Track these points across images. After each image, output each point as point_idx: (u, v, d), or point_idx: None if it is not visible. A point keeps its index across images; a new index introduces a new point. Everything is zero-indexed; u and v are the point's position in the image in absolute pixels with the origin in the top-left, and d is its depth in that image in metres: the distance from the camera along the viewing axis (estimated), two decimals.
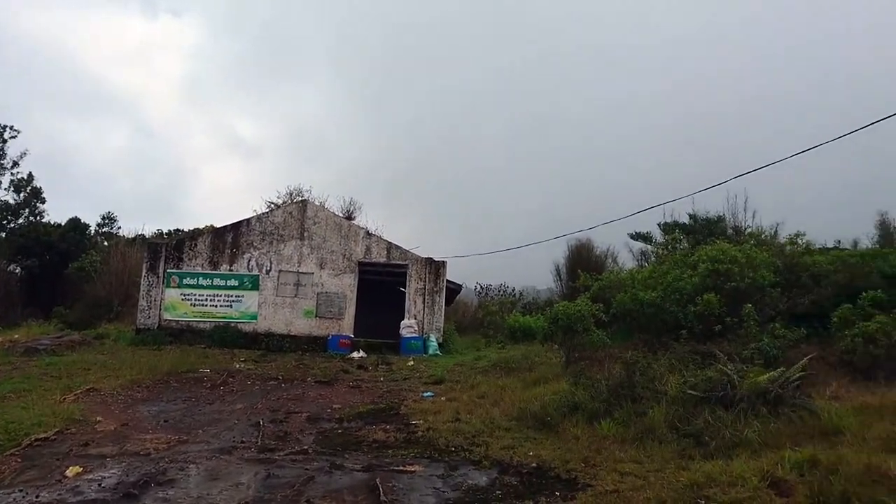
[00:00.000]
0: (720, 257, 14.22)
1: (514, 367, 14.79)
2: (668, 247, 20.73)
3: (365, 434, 9.48)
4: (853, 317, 11.35)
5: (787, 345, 11.37)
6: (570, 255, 26.61)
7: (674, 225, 22.20)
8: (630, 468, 7.26)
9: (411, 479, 7.24)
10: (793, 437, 7.49)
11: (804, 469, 6.35)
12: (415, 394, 13.15)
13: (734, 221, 21.89)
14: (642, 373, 9.50)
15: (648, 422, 8.43)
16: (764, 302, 13.79)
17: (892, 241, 19.09)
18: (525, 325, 20.97)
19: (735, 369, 8.93)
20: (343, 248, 23.11)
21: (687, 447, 7.77)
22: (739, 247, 15.28)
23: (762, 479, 6.28)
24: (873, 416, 7.90)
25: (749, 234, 20.41)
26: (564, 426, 9.11)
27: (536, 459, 7.91)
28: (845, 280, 13.72)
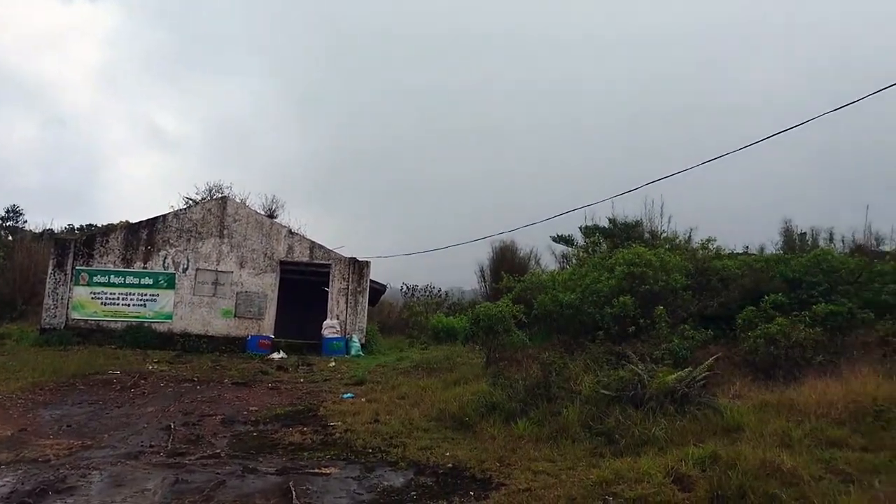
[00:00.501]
0: (636, 261, 14.70)
1: (435, 368, 14.85)
2: (589, 250, 21.31)
3: (281, 436, 9.30)
4: (756, 319, 11.94)
5: (695, 345, 11.85)
6: (494, 256, 26.94)
7: (594, 228, 22.82)
8: (543, 467, 7.40)
9: (326, 482, 7.15)
10: (697, 434, 7.81)
11: (706, 465, 6.62)
12: (335, 395, 13.00)
13: (651, 226, 22.69)
14: (558, 373, 9.70)
15: (563, 421, 8.62)
16: (676, 304, 14.34)
17: (795, 247, 20.19)
18: (448, 325, 21.10)
19: (646, 369, 9.25)
20: (264, 247, 22.62)
21: (599, 445, 7.99)
22: (654, 251, 15.84)
23: (667, 475, 6.51)
24: (771, 413, 8.33)
25: (664, 238, 21.21)
26: (482, 426, 9.20)
27: (453, 460, 7.96)
28: (751, 284, 14.42)
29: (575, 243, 23.36)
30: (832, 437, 7.36)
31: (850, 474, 6.29)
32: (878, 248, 18.00)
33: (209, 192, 31.27)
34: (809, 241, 20.82)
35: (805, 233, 21.58)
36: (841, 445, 7.13)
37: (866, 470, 6.37)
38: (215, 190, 31.26)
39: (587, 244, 22.22)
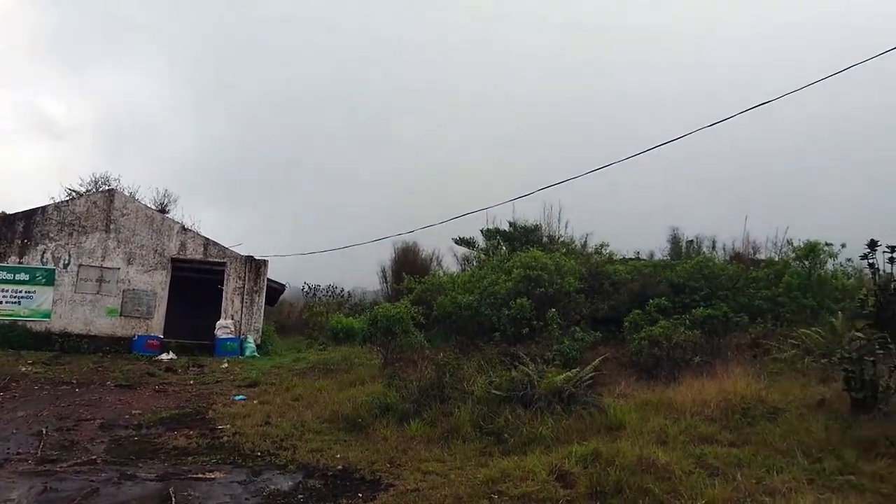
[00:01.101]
0: (532, 264, 15.08)
1: (332, 369, 14.67)
2: (489, 252, 21.68)
3: (165, 441, 8.92)
4: (642, 321, 12.52)
5: (585, 346, 12.29)
6: (396, 257, 26.91)
7: (495, 231, 23.22)
8: (433, 467, 7.45)
9: (210, 487, 6.91)
10: (582, 433, 8.09)
11: (588, 462, 6.87)
12: (225, 397, 12.59)
13: (549, 230, 23.35)
14: (452, 374, 9.80)
15: (454, 421, 8.71)
16: (570, 307, 14.81)
17: (681, 253, 21.30)
18: (348, 326, 20.90)
19: (536, 370, 9.49)
20: (155, 243, 21.59)
21: (488, 445, 8.14)
22: (551, 255, 16.31)
23: (551, 473, 6.71)
24: (651, 412, 8.75)
25: (561, 242, 21.89)
26: (375, 427, 9.16)
27: (343, 461, 7.88)
28: (639, 288, 15.09)
29: (476, 246, 23.69)
30: (704, 433, 7.81)
31: (718, 468, 6.69)
32: (754, 256, 19.24)
33: (95, 183, 29.40)
34: (695, 248, 21.99)
35: (692, 240, 22.76)
36: (712, 441, 7.57)
37: (732, 464, 6.79)
38: (102, 182, 29.42)
39: (488, 247, 22.61)
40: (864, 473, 6.37)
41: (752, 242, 20.09)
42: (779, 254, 17.62)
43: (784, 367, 10.46)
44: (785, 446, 7.16)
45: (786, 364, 10.61)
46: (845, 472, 6.43)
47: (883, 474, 6.31)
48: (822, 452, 6.91)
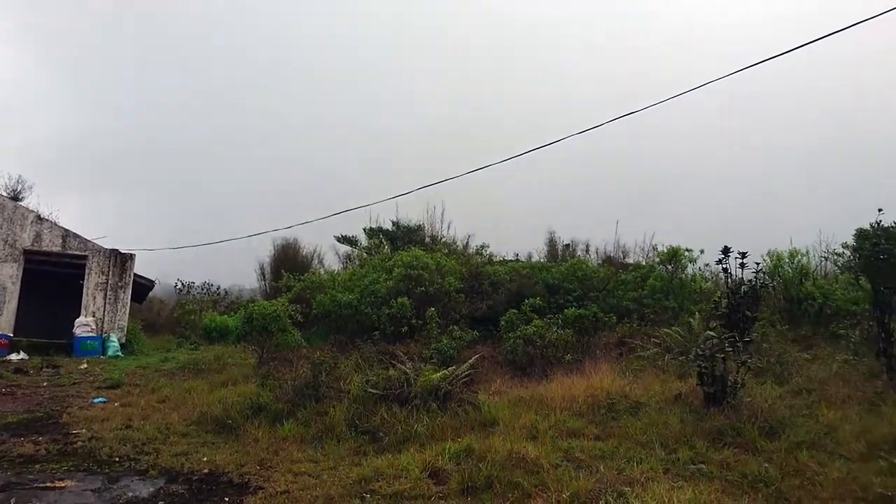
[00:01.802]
0: (414, 263, 15.12)
1: (203, 369, 14.02)
2: (371, 251, 21.56)
3: (9, 448, 8.14)
4: (518, 321, 12.87)
5: (462, 345, 12.47)
6: (275, 254, 26.16)
7: (378, 230, 23.13)
8: (305, 468, 7.27)
9: (58, 497, 6.39)
10: (456, 430, 8.19)
11: (461, 458, 6.94)
12: (83, 400, 11.70)
13: (432, 231, 23.56)
14: (328, 373, 9.63)
15: (329, 421, 8.56)
16: (449, 306, 14.98)
17: (557, 256, 22.15)
18: (222, 324, 20.07)
19: (413, 368, 9.50)
20: (5, 234, 19.73)
21: (363, 444, 8.05)
22: (432, 255, 16.43)
23: (424, 470, 6.73)
24: (523, 408, 8.99)
25: (443, 243, 22.13)
26: (246, 429, 8.84)
27: (210, 465, 7.54)
28: (516, 288, 15.51)
29: (358, 244, 23.49)
30: (572, 428, 8.12)
31: (583, 461, 6.97)
32: (623, 259, 20.34)
33: None
34: (570, 251, 22.91)
35: (568, 244, 23.69)
36: (579, 435, 7.89)
37: (596, 456, 7.09)
38: None
39: (370, 245, 22.48)
40: (713, 462, 6.84)
41: (622, 247, 21.24)
42: (645, 258, 18.71)
43: (647, 365, 11.08)
44: (645, 438, 7.57)
45: (648, 361, 11.24)
46: (697, 461, 6.87)
47: (729, 462, 6.80)
48: (678, 443, 7.36)
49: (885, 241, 9.44)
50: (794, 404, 8.51)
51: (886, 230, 9.58)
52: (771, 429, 7.52)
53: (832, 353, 10.86)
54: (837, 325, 11.99)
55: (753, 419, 7.68)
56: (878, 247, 9.47)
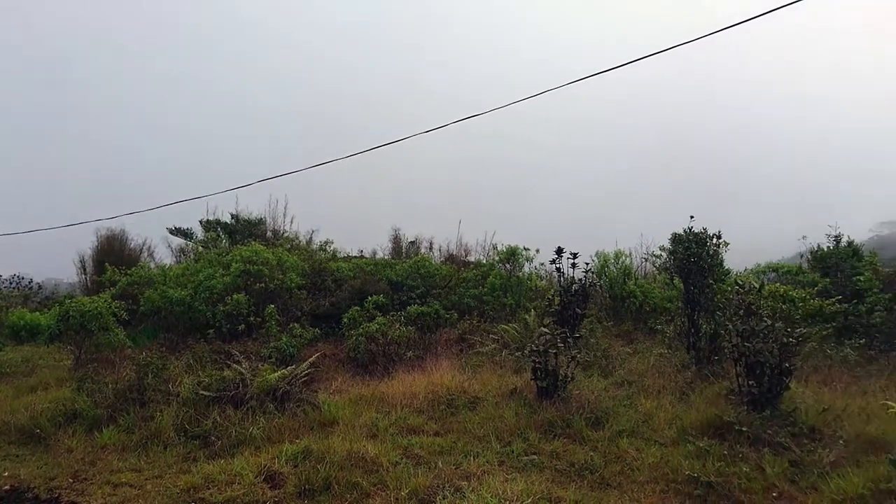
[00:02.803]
0: (253, 258, 14.51)
1: (8, 373, 12.55)
2: (208, 245, 20.41)
3: None
4: (360, 318, 12.76)
5: (303, 343, 12.14)
6: (98, 246, 23.92)
7: (215, 223, 21.94)
8: (127, 478, 6.73)
9: None
10: (295, 431, 7.95)
11: (298, 460, 6.74)
12: None
13: (274, 225, 22.74)
14: (155, 375, 8.96)
15: (156, 426, 7.98)
16: (291, 303, 14.53)
17: (402, 253, 22.24)
18: (32, 322, 18.08)
19: (250, 368, 9.10)
20: None
21: (193, 449, 7.59)
22: (273, 250, 15.86)
23: (258, 474, 6.46)
24: (364, 406, 8.91)
25: (286, 238, 21.45)
26: (59, 438, 8.03)
27: (13, 480, 6.78)
28: (360, 285, 15.36)
29: (194, 237, 22.15)
30: (413, 424, 8.16)
31: (423, 457, 7.02)
32: (466, 258, 20.80)
33: None
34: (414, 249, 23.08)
35: (413, 241, 23.83)
36: (419, 432, 7.94)
37: (435, 452, 7.18)
38: None
39: (207, 239, 21.26)
40: (544, 452, 7.16)
41: (464, 245, 21.68)
42: (486, 256, 19.26)
43: (485, 360, 11.41)
44: (482, 432, 7.77)
45: (487, 357, 11.58)
46: (530, 453, 7.16)
47: (559, 452, 7.16)
48: (513, 436, 7.64)
49: (695, 245, 10.39)
50: (617, 395, 9.13)
51: (696, 235, 10.54)
52: (596, 419, 8.01)
53: (650, 347, 11.79)
54: (655, 321, 13.04)
55: (581, 410, 8.15)
56: (689, 250, 10.41)
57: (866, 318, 11.25)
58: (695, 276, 10.44)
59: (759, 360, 7.76)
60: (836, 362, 10.14)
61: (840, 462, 6.51)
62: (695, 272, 10.41)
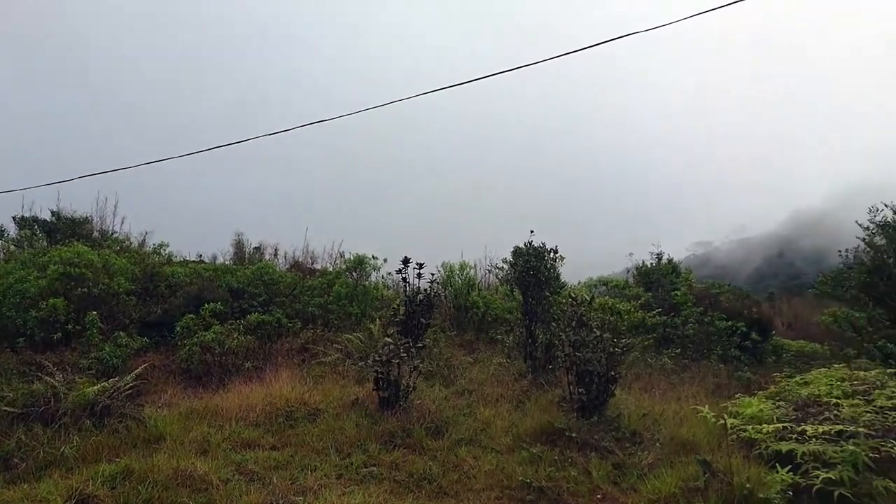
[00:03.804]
0: (75, 260, 13.25)
1: None
2: (22, 244, 18.42)
3: None
4: (195, 326, 12.04)
5: (130, 353, 11.23)
6: None
7: (32, 220, 19.86)
8: None
9: None
10: (115, 449, 7.30)
11: (117, 481, 6.20)
12: None
13: (102, 225, 20.97)
14: None
15: None
16: (118, 309, 13.42)
17: (244, 259, 21.35)
18: None
19: (65, 381, 8.27)
20: None
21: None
22: (99, 252, 14.60)
23: (68, 499, 5.85)
24: (196, 420, 8.39)
25: (115, 239, 19.87)
26: None
27: None
28: (197, 291, 14.52)
29: (6, 235, 19.91)
30: (248, 438, 7.79)
31: (257, 473, 6.72)
32: (312, 265, 20.35)
33: None
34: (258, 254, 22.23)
35: (258, 247, 22.95)
36: (254, 446, 7.60)
37: (271, 467, 6.90)
38: None
39: (21, 237, 19.18)
40: (384, 464, 7.12)
41: (311, 252, 21.20)
42: (333, 265, 18.96)
43: (328, 370, 11.19)
44: (321, 445, 7.58)
45: (329, 367, 11.37)
46: (369, 465, 7.09)
47: (398, 463, 7.15)
48: (352, 448, 7.52)
49: (534, 258, 10.88)
50: (458, 404, 9.29)
51: (536, 249, 11.05)
52: (437, 428, 8.10)
53: (490, 357, 12.16)
54: (496, 331, 13.47)
55: (422, 420, 8.21)
56: (528, 263, 10.88)
57: (682, 330, 12.33)
58: (533, 288, 10.92)
59: (588, 368, 8.23)
60: (655, 370, 11.01)
61: (657, 463, 7.03)
62: (533, 284, 10.88)
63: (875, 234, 14.39)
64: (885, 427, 7.12)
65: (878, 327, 13.38)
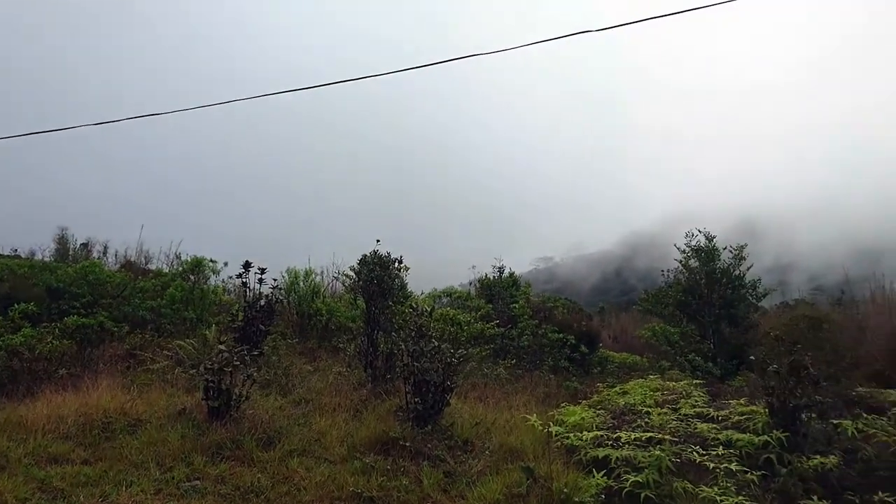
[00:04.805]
0: None
1: None
2: None
3: None
4: (2, 329, 10.86)
5: None
6: None
7: None
8: None
9: None
10: None
11: None
12: None
13: None
14: None
15: None
16: None
17: (68, 256, 19.61)
18: None
19: None
20: None
21: None
22: None
23: None
24: None
25: None
26: None
27: None
28: (8, 290, 13.15)
29: None
30: (56, 453, 7.14)
31: (63, 490, 6.19)
32: (146, 265, 19.03)
33: None
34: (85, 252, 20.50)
35: (85, 243, 21.15)
36: (63, 461, 6.99)
37: (80, 483, 6.38)
38: None
39: None
40: (209, 477, 6.81)
41: (145, 252, 19.83)
42: (170, 266, 17.88)
43: (155, 378, 10.50)
44: (140, 459, 7.11)
45: (158, 375, 10.67)
46: (193, 478, 6.75)
47: (225, 476, 6.86)
48: (175, 461, 7.12)
49: (378, 267, 10.91)
50: (293, 414, 9.08)
51: (381, 258, 11.08)
52: (269, 439, 7.87)
53: (332, 365, 12.01)
54: (338, 340, 13.35)
55: (254, 431, 7.94)
56: (372, 272, 10.89)
57: (517, 341, 12.88)
58: (377, 297, 10.93)
59: (425, 378, 8.35)
60: (491, 380, 11.40)
61: (485, 470, 7.27)
62: (377, 294, 10.90)
63: (690, 256, 15.90)
64: (687, 433, 7.85)
65: (689, 342, 14.77)
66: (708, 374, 13.12)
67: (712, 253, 15.56)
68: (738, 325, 15.26)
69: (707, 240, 15.67)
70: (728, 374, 13.64)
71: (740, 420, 8.29)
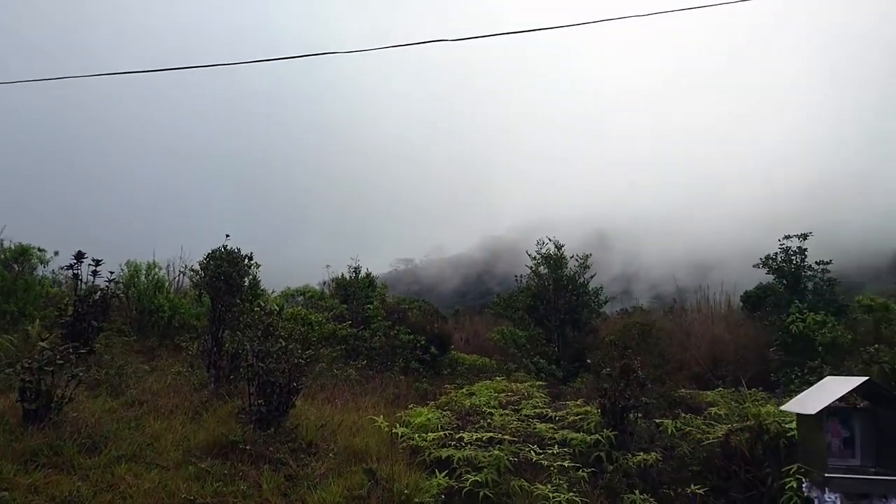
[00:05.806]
0: None
1: None
2: None
3: None
4: None
5: None
6: None
7: None
8: None
9: None
10: None
11: None
12: None
13: None
14: None
15: None
16: None
17: None
18: None
19: None
20: None
21: None
22: None
23: None
24: None
25: None
26: None
27: None
28: None
29: None
30: None
31: None
32: None
33: None
34: None
35: None
36: None
37: None
38: None
39: None
40: (20, 487, 6.20)
41: None
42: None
43: None
44: None
45: None
46: (1, 489, 6.12)
47: (39, 485, 6.28)
48: None
49: (227, 263, 10.45)
50: (125, 417, 8.49)
51: (230, 253, 10.62)
52: (94, 444, 7.30)
53: (172, 365, 11.37)
54: (181, 338, 12.67)
55: (76, 435, 7.33)
56: (220, 268, 10.41)
57: (370, 342, 12.84)
58: (224, 294, 10.48)
59: (270, 379, 8.11)
60: (340, 381, 11.29)
61: (328, 473, 7.18)
62: (223, 290, 10.45)
63: (540, 263, 16.64)
64: (526, 433, 8.19)
65: (536, 345, 15.44)
66: (551, 376, 13.78)
67: (560, 261, 16.38)
68: (581, 330, 16.18)
69: (556, 248, 16.49)
70: (570, 375, 14.40)
71: (576, 420, 8.78)
